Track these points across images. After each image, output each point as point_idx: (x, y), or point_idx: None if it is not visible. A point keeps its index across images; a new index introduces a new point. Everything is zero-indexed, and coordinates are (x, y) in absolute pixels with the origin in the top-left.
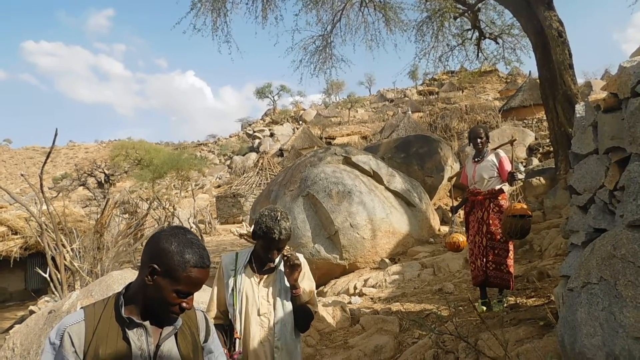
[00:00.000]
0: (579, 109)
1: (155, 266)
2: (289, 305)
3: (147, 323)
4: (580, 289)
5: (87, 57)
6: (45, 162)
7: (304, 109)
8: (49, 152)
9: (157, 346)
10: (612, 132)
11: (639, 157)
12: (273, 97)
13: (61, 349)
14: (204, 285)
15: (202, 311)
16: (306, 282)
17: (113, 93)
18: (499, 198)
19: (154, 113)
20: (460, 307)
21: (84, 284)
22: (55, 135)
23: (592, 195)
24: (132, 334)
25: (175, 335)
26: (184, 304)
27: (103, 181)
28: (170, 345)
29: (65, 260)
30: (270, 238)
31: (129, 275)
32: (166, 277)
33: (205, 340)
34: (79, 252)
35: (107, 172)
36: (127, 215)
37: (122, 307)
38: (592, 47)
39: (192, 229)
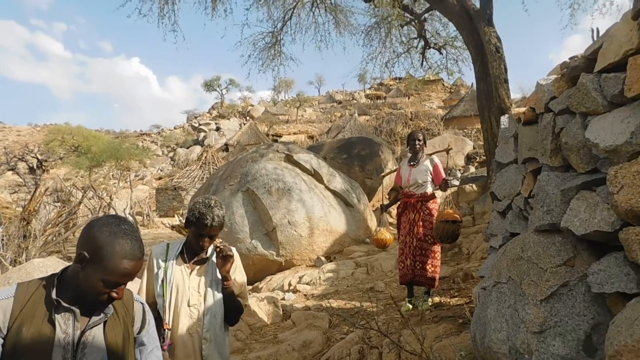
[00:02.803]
0: (504, 120)
1: (85, 253)
2: (219, 297)
3: (75, 308)
4: (492, 288)
5: (23, 33)
6: None
7: (252, 105)
8: None
9: (83, 332)
10: (530, 143)
11: (548, 167)
12: (221, 90)
13: None
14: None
15: (142, 302)
16: (238, 274)
17: (51, 74)
18: (430, 202)
19: (95, 98)
20: (389, 305)
21: None
22: None
23: (510, 201)
24: (59, 317)
25: (105, 323)
26: (113, 294)
27: (35, 167)
28: (96, 333)
29: None
30: (203, 224)
31: (52, 263)
32: (95, 265)
33: (139, 332)
34: (3, 239)
35: (40, 157)
36: (59, 204)
37: (54, 288)
38: (530, 65)
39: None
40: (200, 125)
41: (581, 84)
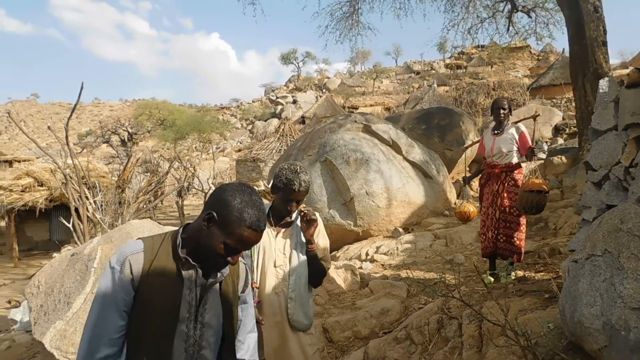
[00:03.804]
0: (603, 84)
1: (214, 214)
2: (303, 259)
3: (199, 266)
4: (585, 261)
5: (113, 14)
6: (71, 114)
7: (329, 77)
8: (75, 104)
9: (204, 289)
10: (634, 108)
11: None
12: (298, 63)
13: (121, 274)
14: None
15: (244, 263)
16: (321, 238)
17: (137, 52)
18: (516, 172)
19: (177, 74)
20: (469, 277)
21: None
22: (81, 88)
23: (607, 171)
24: (186, 273)
25: (220, 282)
26: (229, 259)
27: (126, 139)
28: (214, 291)
29: (88, 211)
30: (290, 189)
31: (148, 224)
32: (220, 227)
33: (243, 291)
34: (101, 205)
35: (130, 130)
36: (149, 174)
37: (180, 246)
38: (633, 26)
39: (209, 189)
40: (277, 98)
41: None
